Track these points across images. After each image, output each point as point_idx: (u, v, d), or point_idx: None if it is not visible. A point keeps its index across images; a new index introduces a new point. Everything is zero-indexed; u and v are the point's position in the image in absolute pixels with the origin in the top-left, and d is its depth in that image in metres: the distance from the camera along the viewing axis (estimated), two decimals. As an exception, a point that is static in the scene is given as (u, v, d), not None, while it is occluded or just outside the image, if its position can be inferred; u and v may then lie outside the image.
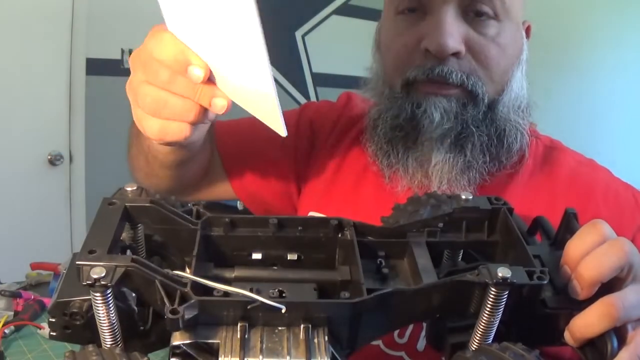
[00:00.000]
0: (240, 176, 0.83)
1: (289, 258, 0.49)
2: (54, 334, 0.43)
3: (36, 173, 2.15)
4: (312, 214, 0.81)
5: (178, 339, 0.39)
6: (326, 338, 0.39)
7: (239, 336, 0.39)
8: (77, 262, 0.39)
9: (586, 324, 0.44)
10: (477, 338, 0.42)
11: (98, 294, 0.38)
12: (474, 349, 0.42)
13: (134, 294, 0.44)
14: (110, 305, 0.39)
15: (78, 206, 2.25)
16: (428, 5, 0.66)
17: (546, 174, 0.76)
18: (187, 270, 0.43)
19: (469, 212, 0.51)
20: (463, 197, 0.51)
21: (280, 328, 0.40)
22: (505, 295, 0.41)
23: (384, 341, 0.72)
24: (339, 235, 0.49)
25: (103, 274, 0.38)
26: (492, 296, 0.41)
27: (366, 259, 0.47)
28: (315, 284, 0.45)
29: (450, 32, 0.63)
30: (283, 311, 0.39)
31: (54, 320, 0.42)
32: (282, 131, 0.47)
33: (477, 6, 0.65)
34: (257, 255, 0.48)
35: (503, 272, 0.40)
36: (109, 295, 0.38)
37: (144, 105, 0.50)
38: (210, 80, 0.47)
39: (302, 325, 0.39)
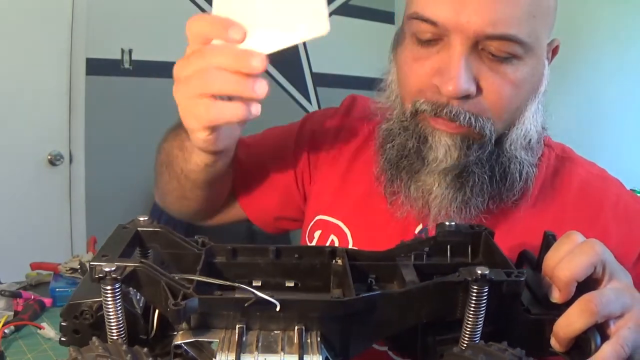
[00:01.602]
0: (248, 199, 0.87)
1: (286, 285, 0.51)
2: (64, 339, 0.45)
3: (36, 173, 2.15)
4: (320, 218, 0.81)
5: (179, 340, 0.42)
6: (319, 339, 0.42)
7: (236, 336, 0.41)
8: (91, 263, 0.42)
9: (567, 322, 0.46)
10: (465, 338, 0.44)
11: (108, 287, 0.41)
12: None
13: (141, 303, 0.47)
14: (118, 301, 0.41)
15: (78, 206, 2.26)
16: (445, 39, 0.63)
17: (556, 186, 0.75)
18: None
19: (452, 236, 0.54)
20: (447, 223, 0.55)
21: (276, 331, 0.43)
22: (486, 292, 0.43)
23: None
24: (333, 262, 0.51)
25: (114, 268, 0.41)
26: (474, 294, 0.43)
27: (358, 282, 0.49)
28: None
29: (460, 75, 0.61)
30: (277, 309, 0.41)
31: (65, 324, 0.45)
32: (325, 26, 0.51)
33: (495, 52, 0.62)
34: (257, 283, 0.51)
35: (482, 270, 0.43)
36: (118, 290, 0.41)
37: (195, 84, 0.54)
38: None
39: (296, 327, 0.42)
